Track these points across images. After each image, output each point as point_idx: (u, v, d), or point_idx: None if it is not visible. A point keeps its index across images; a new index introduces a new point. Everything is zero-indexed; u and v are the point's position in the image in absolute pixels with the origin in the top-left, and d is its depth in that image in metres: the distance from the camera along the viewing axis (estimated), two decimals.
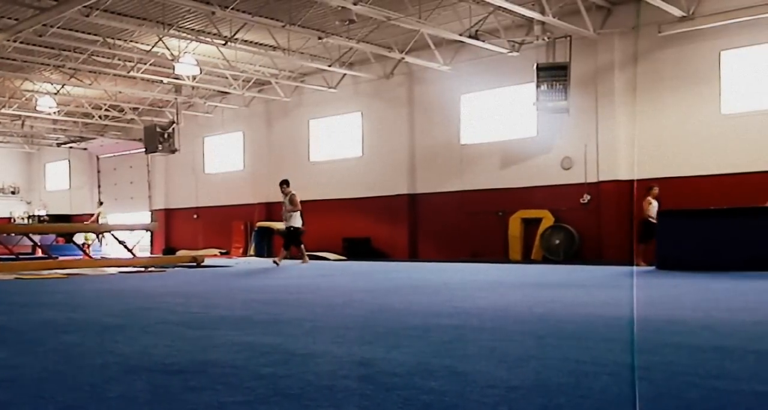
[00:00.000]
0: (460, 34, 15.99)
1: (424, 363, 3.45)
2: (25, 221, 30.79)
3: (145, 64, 19.40)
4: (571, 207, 16.64)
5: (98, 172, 32.45)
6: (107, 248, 25.05)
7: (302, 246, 15.87)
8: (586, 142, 16.35)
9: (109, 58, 19.08)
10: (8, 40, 16.39)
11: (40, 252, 20.37)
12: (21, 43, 17.24)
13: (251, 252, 22.43)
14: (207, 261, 16.64)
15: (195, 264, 15.75)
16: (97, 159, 32.40)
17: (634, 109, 15.71)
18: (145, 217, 28.15)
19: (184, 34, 16.62)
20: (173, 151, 22.74)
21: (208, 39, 16.66)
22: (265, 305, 6.90)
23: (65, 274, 12.91)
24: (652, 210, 13.68)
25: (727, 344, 4.05)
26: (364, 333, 4.68)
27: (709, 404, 2.63)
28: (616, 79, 15.85)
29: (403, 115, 19.84)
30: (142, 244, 23.79)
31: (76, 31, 16.78)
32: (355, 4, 13.49)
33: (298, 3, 14.94)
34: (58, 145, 31.92)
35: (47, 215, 31.78)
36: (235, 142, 25.17)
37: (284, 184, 15.58)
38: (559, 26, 15.07)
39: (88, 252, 20.99)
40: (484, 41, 16.39)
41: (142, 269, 14.57)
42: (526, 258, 17.00)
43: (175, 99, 23.14)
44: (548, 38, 16.15)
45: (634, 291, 7.36)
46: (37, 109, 23.71)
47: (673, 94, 15.24)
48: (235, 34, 16.24)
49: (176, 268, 14.98)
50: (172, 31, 16.35)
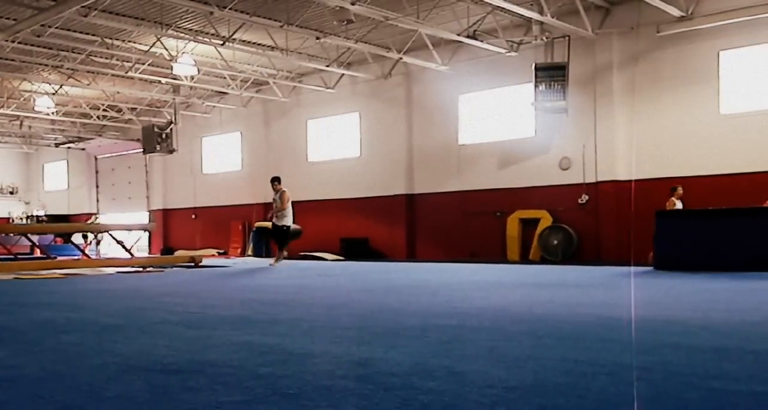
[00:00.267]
0: (459, 34, 16.00)
1: (423, 363, 3.46)
2: (24, 221, 30.77)
3: (143, 64, 19.40)
4: (569, 208, 16.64)
5: (96, 172, 32.42)
6: (105, 249, 25.02)
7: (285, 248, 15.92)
8: (584, 142, 16.35)
9: (107, 58, 19.08)
10: (6, 41, 16.38)
11: (38, 252, 20.35)
12: (19, 43, 17.23)
13: (249, 253, 22.44)
14: (205, 262, 16.63)
15: (193, 264, 15.75)
16: (95, 159, 32.37)
17: (633, 109, 15.72)
18: (143, 217, 28.14)
19: (182, 35, 16.62)
20: (171, 152, 22.77)
21: (206, 39, 16.66)
22: (263, 305, 6.90)
23: (63, 274, 12.90)
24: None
25: (726, 344, 4.05)
26: (363, 333, 4.68)
27: (707, 404, 2.64)
28: (614, 79, 15.86)
29: (401, 115, 19.85)
30: (140, 244, 23.81)
31: (75, 31, 16.78)
32: (353, 4, 13.49)
33: (296, 3, 14.94)
34: (57, 145, 31.90)
35: (45, 215, 31.77)
36: (233, 142, 25.16)
37: (276, 180, 15.46)
38: (557, 26, 15.08)
39: (86, 250, 20.94)
40: (482, 41, 16.40)
41: (141, 269, 14.57)
42: (524, 259, 17.00)
43: (173, 99, 23.14)
44: (546, 38, 16.15)
45: (632, 292, 7.36)
46: (36, 109, 23.71)
47: (672, 94, 15.25)
48: (233, 34, 16.23)
49: (174, 268, 14.97)
50: (170, 31, 16.35)
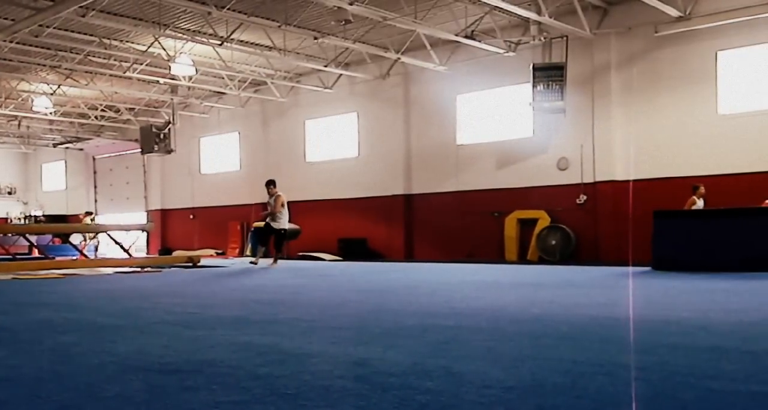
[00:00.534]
0: (456, 35, 16.01)
1: (420, 363, 3.46)
2: (22, 221, 30.75)
3: (141, 64, 19.38)
4: (567, 208, 16.65)
5: (94, 172, 32.39)
6: (104, 249, 25.01)
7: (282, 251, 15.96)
8: (582, 142, 16.36)
9: (105, 58, 19.08)
10: (4, 41, 16.38)
11: (36, 253, 20.32)
12: (17, 43, 17.21)
13: (247, 253, 22.41)
14: (203, 262, 16.63)
15: (191, 264, 15.75)
16: (94, 159, 32.33)
17: (631, 109, 15.73)
18: (141, 218, 28.12)
19: (180, 35, 16.60)
20: (169, 152, 22.77)
21: (204, 39, 16.65)
22: (262, 305, 6.90)
23: (62, 274, 12.89)
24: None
25: (724, 344, 4.06)
26: (360, 334, 4.69)
27: (705, 404, 2.64)
28: (612, 79, 15.87)
29: (399, 116, 19.85)
30: (138, 245, 23.81)
31: (72, 31, 16.78)
32: (350, 4, 13.48)
33: (294, 3, 14.94)
34: (55, 145, 31.88)
35: (44, 215, 31.76)
36: (231, 142, 25.14)
37: (271, 184, 15.32)
38: (555, 26, 15.09)
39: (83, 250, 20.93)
40: (480, 41, 16.39)
41: (139, 269, 14.56)
42: (522, 259, 17.01)
43: (171, 99, 23.14)
44: (544, 38, 16.15)
45: (630, 292, 7.37)
46: (34, 109, 23.69)
47: (670, 95, 15.26)
48: (231, 35, 16.22)
49: (172, 268, 14.96)
50: (168, 31, 16.34)
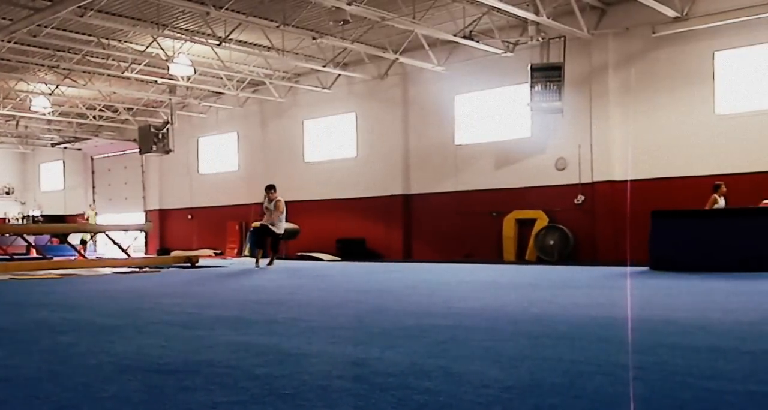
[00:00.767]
0: (455, 35, 16.01)
1: (419, 363, 3.46)
2: (20, 221, 30.70)
3: (140, 64, 19.36)
4: (565, 208, 16.66)
5: (93, 172, 32.35)
6: (102, 248, 25.00)
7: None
8: (580, 142, 16.37)
9: (103, 58, 19.05)
10: (2, 41, 16.35)
11: (34, 253, 20.30)
12: (15, 43, 17.18)
13: (246, 253, 22.40)
14: (201, 262, 16.62)
15: (189, 264, 15.73)
16: (92, 159, 32.30)
17: (628, 109, 15.74)
18: (140, 218, 28.09)
19: (179, 35, 16.59)
20: (167, 152, 22.74)
21: (202, 39, 16.64)
22: (260, 305, 6.90)
23: (60, 275, 12.87)
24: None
25: (722, 344, 4.06)
26: (359, 334, 4.69)
27: (702, 404, 2.65)
28: (610, 79, 15.88)
29: (397, 116, 19.85)
30: (136, 245, 23.79)
31: (71, 31, 16.75)
32: (349, 4, 13.48)
33: (293, 3, 14.93)
34: (53, 145, 31.85)
35: (42, 215, 31.70)
36: (229, 142, 25.11)
37: (272, 189, 15.16)
38: (553, 27, 15.10)
39: (82, 251, 20.92)
40: (478, 42, 16.40)
41: (137, 269, 14.56)
42: (521, 259, 17.01)
43: (170, 99, 23.12)
44: (542, 39, 16.17)
45: (628, 292, 7.38)
46: (32, 109, 23.64)
47: (667, 95, 15.27)
48: (229, 35, 16.22)
49: (171, 269, 14.96)
50: (167, 31, 16.33)
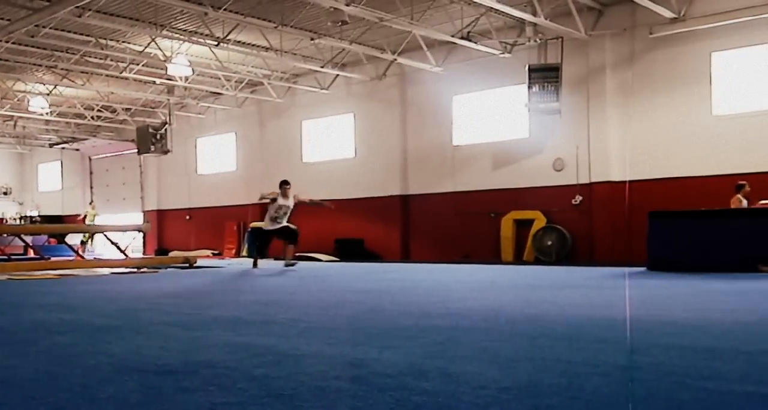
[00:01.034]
0: (452, 36, 16.02)
1: (417, 364, 3.46)
2: (17, 222, 30.67)
3: (138, 64, 19.36)
4: (563, 209, 16.67)
5: (90, 172, 32.32)
6: (100, 249, 24.97)
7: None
8: (577, 143, 16.38)
9: (101, 58, 19.03)
10: (0, 41, 16.34)
11: (32, 253, 20.29)
12: (13, 43, 17.16)
13: (244, 253, 22.38)
14: (199, 262, 16.61)
15: (187, 265, 15.71)
16: (90, 160, 32.28)
17: (626, 110, 15.76)
18: (138, 218, 28.07)
19: (177, 35, 16.59)
20: (166, 152, 22.72)
21: (200, 40, 16.64)
22: (258, 306, 6.89)
23: (57, 275, 12.86)
24: None
25: (719, 345, 4.07)
26: (357, 334, 4.69)
27: (700, 405, 2.65)
28: (607, 80, 15.90)
29: (395, 116, 19.85)
30: (134, 245, 23.76)
31: (69, 31, 16.74)
32: (347, 5, 13.49)
33: (291, 4, 14.94)
34: (51, 145, 31.81)
35: (39, 216, 31.67)
36: (227, 142, 25.12)
37: (288, 184, 14.26)
38: (550, 28, 15.12)
39: (81, 252, 20.90)
40: (476, 42, 16.41)
41: (135, 270, 14.54)
42: (518, 260, 17.02)
43: (168, 100, 23.11)
44: (540, 40, 16.20)
45: (626, 292, 7.38)
46: (30, 109, 23.61)
47: (665, 96, 15.29)
48: (227, 35, 16.22)
49: (169, 269, 14.94)
50: (165, 31, 16.33)
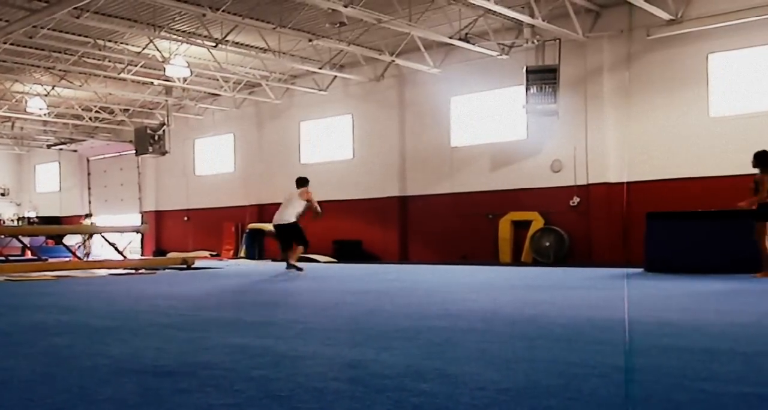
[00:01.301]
0: (450, 37, 16.02)
1: (415, 365, 3.46)
2: (15, 223, 30.63)
3: (136, 65, 19.34)
4: (560, 210, 16.68)
5: (88, 174, 32.29)
6: (98, 250, 24.93)
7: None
8: (575, 144, 16.39)
9: (99, 59, 19.02)
10: None
11: (29, 254, 20.27)
12: (11, 44, 17.14)
13: (242, 254, 22.38)
14: (197, 263, 16.59)
15: (185, 266, 15.71)
16: (88, 161, 32.24)
17: (623, 111, 15.77)
18: (136, 219, 28.04)
19: (175, 36, 16.58)
20: (164, 153, 22.70)
21: (198, 41, 16.62)
22: (256, 307, 6.90)
23: (55, 276, 12.85)
24: None
25: (716, 346, 4.08)
26: (355, 336, 4.69)
27: (697, 406, 2.66)
28: (605, 81, 15.90)
29: (393, 118, 19.85)
30: (132, 246, 23.73)
31: (67, 32, 16.72)
32: (345, 6, 13.50)
33: (289, 5, 14.93)
34: (48, 146, 31.76)
35: (37, 217, 31.64)
36: (225, 143, 25.11)
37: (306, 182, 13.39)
38: (548, 29, 15.13)
39: (77, 253, 20.86)
40: (474, 44, 16.42)
41: (133, 271, 14.53)
42: (516, 261, 17.03)
43: (166, 101, 23.08)
44: (538, 41, 16.20)
45: (625, 293, 7.39)
46: (27, 110, 23.59)
47: (662, 97, 15.29)
48: (225, 36, 16.21)
49: (167, 270, 14.94)
50: (163, 32, 16.31)
